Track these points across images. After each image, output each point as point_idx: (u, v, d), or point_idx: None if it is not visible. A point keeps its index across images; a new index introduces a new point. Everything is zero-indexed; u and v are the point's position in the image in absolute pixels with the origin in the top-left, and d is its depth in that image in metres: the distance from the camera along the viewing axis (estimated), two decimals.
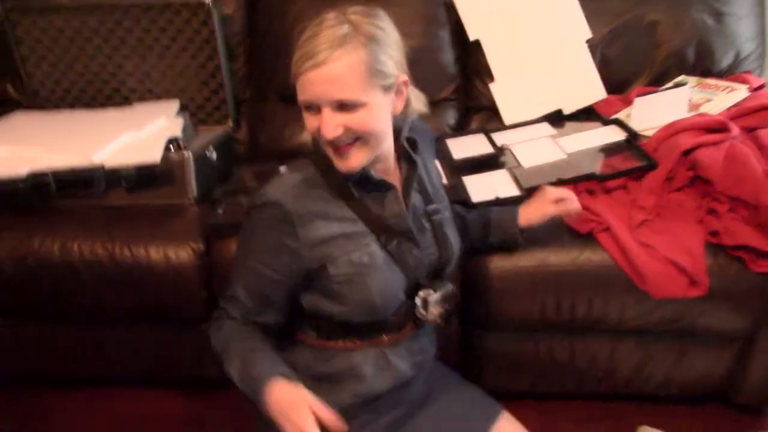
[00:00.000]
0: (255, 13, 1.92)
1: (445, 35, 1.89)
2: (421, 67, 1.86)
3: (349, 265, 1.09)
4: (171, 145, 1.61)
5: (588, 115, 1.77)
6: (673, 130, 1.48)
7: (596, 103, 1.79)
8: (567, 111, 1.80)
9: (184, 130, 1.68)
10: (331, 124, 0.99)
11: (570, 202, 1.33)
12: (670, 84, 1.75)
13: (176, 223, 1.57)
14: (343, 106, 0.99)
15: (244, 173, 1.79)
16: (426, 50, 1.88)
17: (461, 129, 1.90)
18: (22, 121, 1.84)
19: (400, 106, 1.08)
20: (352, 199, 1.10)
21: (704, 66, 1.78)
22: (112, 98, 1.90)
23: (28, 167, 1.53)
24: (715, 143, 1.40)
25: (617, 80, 1.83)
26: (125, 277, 1.51)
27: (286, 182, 1.10)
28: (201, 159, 1.64)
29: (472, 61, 1.91)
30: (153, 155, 1.55)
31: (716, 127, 1.44)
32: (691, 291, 1.35)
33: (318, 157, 1.10)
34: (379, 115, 1.03)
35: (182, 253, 1.50)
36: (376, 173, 1.10)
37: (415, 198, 1.18)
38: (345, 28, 0.98)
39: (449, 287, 1.22)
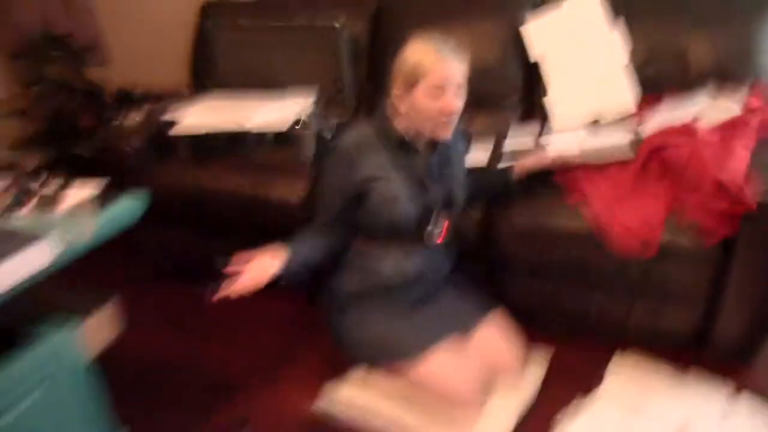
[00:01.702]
0: (374, 36, 2.58)
1: (514, 56, 2.41)
2: (495, 79, 2.44)
3: (383, 193, 1.71)
4: (299, 122, 2.31)
5: (620, 121, 2.20)
6: (655, 133, 1.90)
7: (628, 115, 2.21)
8: (604, 121, 2.23)
9: (312, 113, 2.38)
10: (456, 101, 1.63)
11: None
12: (693, 96, 2.13)
13: (296, 174, 2.25)
14: (459, 89, 1.64)
15: None
16: (499, 67, 2.42)
17: (522, 128, 2.40)
18: (213, 99, 2.65)
19: None
20: (392, 152, 1.71)
21: (725, 87, 2.13)
22: (273, 90, 2.65)
23: (206, 129, 2.32)
24: (681, 145, 1.80)
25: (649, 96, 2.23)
26: (262, 205, 2.23)
27: (352, 135, 1.75)
28: (319, 133, 2.31)
29: (532, 78, 2.40)
30: (281, 125, 2.26)
31: (686, 132, 1.84)
32: (643, 252, 1.76)
33: (377, 124, 1.74)
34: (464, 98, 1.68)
35: (294, 192, 2.19)
36: (413, 138, 1.71)
37: (434, 159, 1.77)
38: (458, 47, 1.64)
39: (448, 222, 1.79)
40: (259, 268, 1.64)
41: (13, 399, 1.34)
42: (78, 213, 1.46)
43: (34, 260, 1.23)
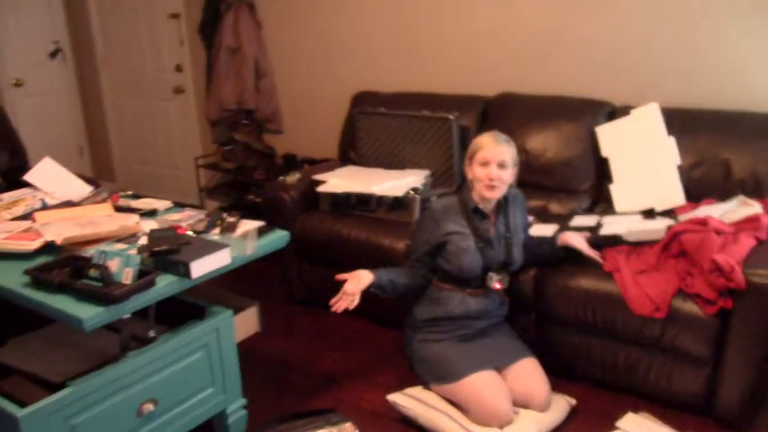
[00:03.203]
0: (480, 127, 3.23)
1: (589, 152, 2.97)
2: (573, 169, 3.01)
3: (457, 246, 2.35)
4: (411, 191, 3.01)
5: (668, 213, 2.67)
6: (681, 222, 2.38)
7: (676, 207, 2.68)
8: (657, 209, 2.71)
9: (422, 185, 3.07)
10: (496, 173, 2.29)
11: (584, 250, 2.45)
12: (729, 201, 2.56)
13: (404, 230, 2.93)
14: (501, 165, 2.29)
15: None
16: (577, 158, 2.99)
17: (590, 210, 2.94)
18: (351, 169, 3.44)
19: (513, 179, 2.34)
20: (468, 216, 2.35)
21: (760, 192, 2.55)
22: (398, 165, 3.39)
23: (342, 189, 3.09)
24: (696, 231, 2.27)
25: (696, 194, 2.69)
26: (375, 251, 2.92)
27: (440, 202, 2.44)
28: (425, 200, 2.99)
29: (602, 170, 2.95)
30: (398, 192, 2.97)
31: (702, 222, 2.30)
32: (655, 314, 2.24)
33: (460, 195, 2.39)
34: (510, 176, 2.32)
35: (401, 244, 2.87)
36: (484, 208, 2.34)
37: (500, 225, 2.38)
38: (509, 138, 2.31)
39: (506, 276, 2.38)
40: (357, 276, 2.34)
41: (185, 353, 2.09)
42: (246, 237, 2.22)
43: (221, 260, 2.01)
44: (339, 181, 3.20)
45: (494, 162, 2.27)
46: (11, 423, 1.70)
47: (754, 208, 2.41)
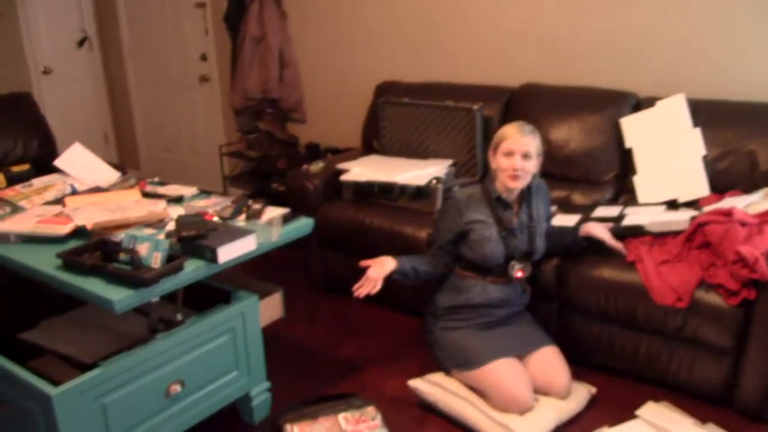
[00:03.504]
0: (504, 117, 3.23)
1: (612, 143, 2.97)
2: (597, 160, 3.01)
3: (480, 234, 2.36)
4: (434, 180, 3.02)
5: (691, 204, 2.66)
6: (705, 212, 2.37)
7: (701, 198, 2.66)
8: (680, 200, 2.70)
9: (445, 174, 3.08)
10: (520, 163, 2.30)
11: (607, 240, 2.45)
12: (754, 192, 2.54)
13: (426, 219, 2.95)
14: (525, 156, 2.30)
15: None
16: (600, 149, 2.98)
17: (613, 201, 2.93)
18: (374, 158, 3.46)
19: (537, 169, 2.35)
20: (491, 205, 2.37)
21: None
22: (421, 154, 3.40)
23: (365, 178, 3.11)
24: (720, 222, 2.26)
25: (721, 185, 2.67)
26: (397, 240, 2.94)
27: (464, 190, 2.45)
28: (447, 190, 3.00)
29: (626, 161, 2.94)
30: (421, 181, 2.99)
31: (726, 212, 2.29)
32: (677, 304, 2.23)
33: (484, 185, 2.40)
34: (534, 166, 2.34)
35: (423, 232, 2.89)
36: (507, 197, 2.35)
37: (523, 215, 2.39)
38: (534, 129, 2.32)
39: (528, 265, 2.39)
40: (380, 263, 2.37)
41: (211, 336, 2.13)
42: (271, 223, 2.25)
43: (246, 245, 2.05)
44: (362, 170, 3.22)
45: (518, 153, 2.28)
46: (45, 401, 1.75)
47: None
